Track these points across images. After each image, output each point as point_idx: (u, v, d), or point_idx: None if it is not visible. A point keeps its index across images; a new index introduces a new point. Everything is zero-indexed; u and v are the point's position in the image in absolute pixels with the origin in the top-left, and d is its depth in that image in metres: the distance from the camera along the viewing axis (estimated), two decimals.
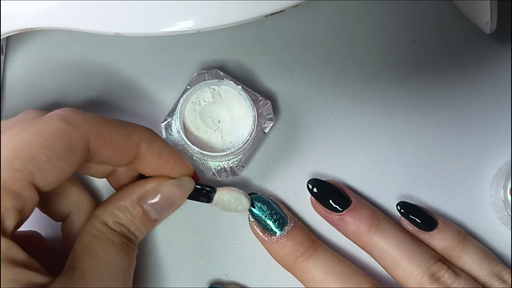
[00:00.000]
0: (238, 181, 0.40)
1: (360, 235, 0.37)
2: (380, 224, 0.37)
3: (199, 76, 0.39)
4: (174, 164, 0.34)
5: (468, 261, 0.37)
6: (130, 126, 0.33)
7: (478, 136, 0.41)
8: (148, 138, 0.33)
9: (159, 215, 0.34)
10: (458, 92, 0.41)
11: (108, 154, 0.31)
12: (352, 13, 0.42)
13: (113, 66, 0.41)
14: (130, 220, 0.33)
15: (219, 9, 0.28)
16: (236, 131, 0.38)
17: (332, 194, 0.38)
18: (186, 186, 0.35)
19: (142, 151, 0.33)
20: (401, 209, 0.38)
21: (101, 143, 0.31)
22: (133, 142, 0.32)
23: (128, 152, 0.32)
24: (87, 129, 0.30)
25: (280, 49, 0.41)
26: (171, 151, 0.34)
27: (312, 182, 0.38)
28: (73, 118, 0.30)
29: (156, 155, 0.33)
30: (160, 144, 0.33)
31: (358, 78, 0.41)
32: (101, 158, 0.31)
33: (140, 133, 0.33)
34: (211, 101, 0.38)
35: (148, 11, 0.29)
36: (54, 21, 0.30)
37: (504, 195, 0.38)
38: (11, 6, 0.30)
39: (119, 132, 0.32)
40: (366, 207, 0.37)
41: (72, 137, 0.30)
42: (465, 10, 0.41)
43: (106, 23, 0.29)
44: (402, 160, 0.40)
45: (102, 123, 0.31)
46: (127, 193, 0.34)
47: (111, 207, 0.33)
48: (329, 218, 0.38)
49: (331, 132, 0.40)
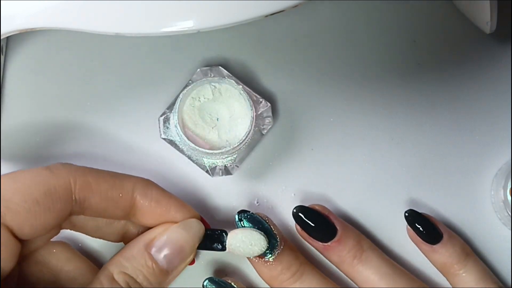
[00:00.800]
0: (238, 181, 0.40)
1: (344, 265, 0.37)
2: (363, 256, 0.36)
3: (202, 72, 0.39)
4: (176, 211, 0.33)
5: (466, 279, 0.37)
6: (121, 176, 0.32)
7: (478, 136, 0.41)
8: (142, 187, 0.32)
9: (170, 264, 0.32)
10: (458, 92, 0.41)
11: (98, 204, 0.31)
12: (352, 13, 0.42)
13: (115, 60, 0.41)
14: (137, 269, 0.31)
15: (219, 9, 0.28)
16: (233, 130, 0.38)
17: (318, 223, 0.37)
18: (194, 228, 0.33)
19: (137, 201, 0.32)
20: (408, 216, 0.37)
21: (88, 193, 0.30)
22: (125, 192, 0.31)
23: (120, 201, 0.31)
24: (69, 177, 0.30)
25: (280, 49, 0.41)
26: (169, 198, 0.33)
27: (298, 209, 0.37)
28: (55, 167, 0.30)
29: (153, 203, 0.32)
30: (156, 192, 0.33)
31: (358, 78, 0.41)
32: (92, 209, 0.31)
33: (132, 182, 0.32)
34: (211, 98, 0.38)
35: (148, 11, 0.28)
36: (54, 21, 0.30)
37: (504, 195, 0.38)
38: (11, 6, 0.30)
39: (108, 181, 0.31)
40: (351, 236, 0.37)
41: (51, 183, 0.29)
42: (465, 10, 0.41)
43: (106, 23, 0.29)
44: (402, 160, 0.40)
45: (88, 172, 0.31)
46: (134, 242, 0.33)
47: (118, 258, 0.32)
48: (314, 245, 0.38)
49: (331, 132, 0.40)
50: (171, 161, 0.39)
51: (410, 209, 0.38)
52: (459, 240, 0.38)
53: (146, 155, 0.40)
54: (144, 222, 0.33)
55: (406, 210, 0.38)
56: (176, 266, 0.32)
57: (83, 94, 0.40)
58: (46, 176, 0.29)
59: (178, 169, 0.40)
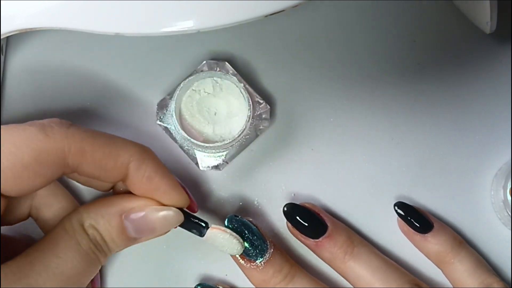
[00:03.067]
0: (238, 181, 0.40)
1: (335, 261, 0.37)
2: (355, 251, 0.37)
3: (208, 65, 0.39)
4: (165, 192, 0.32)
5: (460, 268, 0.37)
6: (120, 144, 0.31)
7: (478, 136, 0.41)
8: (138, 159, 0.31)
9: (138, 235, 0.32)
10: (458, 92, 0.41)
11: (91, 170, 0.30)
12: (352, 13, 0.42)
13: (118, 56, 0.41)
14: (107, 229, 0.31)
15: (219, 9, 0.28)
16: (229, 126, 0.38)
17: (308, 220, 0.37)
18: (171, 219, 0.33)
19: (130, 172, 0.31)
20: (398, 209, 0.38)
21: (81, 159, 0.30)
22: (120, 162, 0.31)
23: (113, 171, 0.31)
24: (64, 143, 0.29)
25: (280, 49, 0.41)
26: (164, 176, 0.32)
27: (288, 206, 0.37)
28: (52, 130, 0.29)
29: (144, 179, 0.31)
30: (152, 168, 0.32)
31: (358, 78, 0.41)
32: (84, 174, 0.30)
33: (130, 152, 0.31)
34: (211, 93, 0.38)
35: (148, 11, 0.29)
36: (54, 21, 0.30)
37: (504, 195, 0.38)
38: (11, 6, 0.30)
39: (104, 151, 0.30)
40: (341, 233, 0.37)
41: (44, 148, 0.28)
42: (465, 10, 0.41)
43: (106, 23, 0.29)
44: (402, 160, 0.40)
45: (85, 138, 0.30)
46: (114, 201, 0.32)
47: (93, 209, 0.31)
48: (305, 243, 0.38)
49: (331, 132, 0.40)
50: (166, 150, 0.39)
51: (398, 201, 0.38)
52: (449, 229, 0.38)
53: None
54: (132, 190, 0.32)
55: (395, 203, 0.38)
56: (142, 239, 0.33)
57: (83, 94, 0.40)
58: (40, 140, 0.28)
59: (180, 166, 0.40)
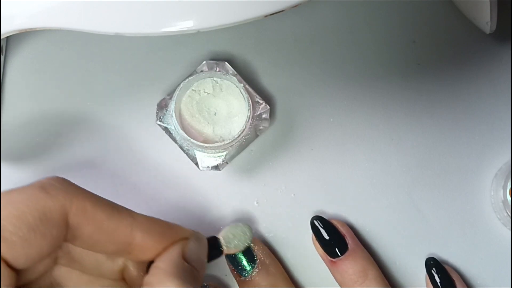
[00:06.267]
0: (237, 181, 0.40)
1: (344, 285, 0.37)
2: (365, 283, 0.37)
3: (208, 65, 0.39)
4: (172, 236, 0.31)
5: None
6: (123, 209, 0.29)
7: (478, 136, 0.41)
8: (143, 225, 0.29)
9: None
10: (458, 92, 0.41)
11: (92, 234, 0.28)
12: (352, 13, 0.42)
13: (118, 55, 0.41)
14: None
15: (219, 9, 0.28)
16: (228, 127, 0.38)
17: (331, 236, 0.38)
18: (203, 240, 0.32)
19: (137, 239, 0.29)
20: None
21: (83, 219, 0.28)
22: (123, 225, 0.29)
23: (116, 235, 0.29)
24: (66, 200, 0.27)
25: (280, 49, 0.41)
26: (169, 228, 0.31)
27: (316, 218, 0.38)
28: (52, 187, 0.27)
29: (156, 237, 0.30)
30: (156, 227, 0.30)
31: (358, 78, 0.41)
32: (84, 238, 0.28)
33: (132, 218, 0.29)
34: (211, 93, 0.38)
35: (148, 11, 0.28)
36: (54, 21, 0.30)
37: (504, 196, 0.38)
38: (11, 6, 0.30)
39: (105, 211, 0.28)
40: (359, 261, 0.37)
41: (47, 206, 0.27)
42: (465, 10, 0.41)
43: (106, 23, 0.29)
44: (402, 160, 0.40)
45: (88, 197, 0.28)
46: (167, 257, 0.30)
47: None
48: (322, 258, 0.38)
49: (331, 132, 0.40)
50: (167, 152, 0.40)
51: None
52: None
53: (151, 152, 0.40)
54: (142, 257, 0.30)
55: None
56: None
57: (83, 94, 0.40)
58: (42, 198, 0.27)
59: (180, 171, 0.40)
